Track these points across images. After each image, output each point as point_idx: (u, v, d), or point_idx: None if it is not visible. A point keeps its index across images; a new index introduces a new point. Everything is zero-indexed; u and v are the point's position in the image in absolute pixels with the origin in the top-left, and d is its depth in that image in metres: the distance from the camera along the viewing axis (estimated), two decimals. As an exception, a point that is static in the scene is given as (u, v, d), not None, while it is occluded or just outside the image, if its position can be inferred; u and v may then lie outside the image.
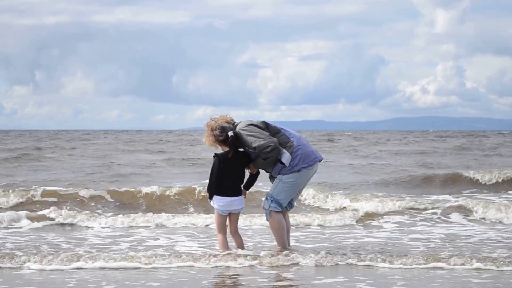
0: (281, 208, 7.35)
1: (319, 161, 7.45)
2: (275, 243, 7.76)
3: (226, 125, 7.26)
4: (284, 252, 7.49)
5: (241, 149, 7.31)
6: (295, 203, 7.74)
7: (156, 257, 7.27)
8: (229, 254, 7.37)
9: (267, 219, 7.49)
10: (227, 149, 7.27)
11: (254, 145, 7.11)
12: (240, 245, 7.58)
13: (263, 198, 7.59)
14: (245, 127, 7.22)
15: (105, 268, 6.97)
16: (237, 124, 7.35)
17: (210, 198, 7.36)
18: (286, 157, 7.20)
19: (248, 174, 7.46)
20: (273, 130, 7.29)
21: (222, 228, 7.47)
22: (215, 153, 7.33)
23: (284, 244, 7.60)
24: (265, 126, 7.28)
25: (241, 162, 7.30)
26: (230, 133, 7.17)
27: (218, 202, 7.33)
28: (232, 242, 7.65)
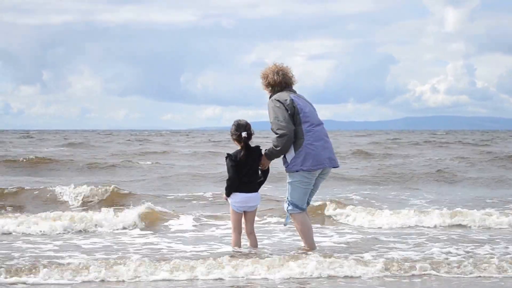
0: (298, 209, 7.08)
1: (332, 167, 7.14)
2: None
3: (243, 122, 7.03)
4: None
5: (254, 145, 7.12)
6: (310, 201, 7.37)
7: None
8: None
9: (284, 225, 7.51)
10: (239, 147, 7.07)
11: (270, 120, 7.02)
12: (255, 247, 7.30)
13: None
14: (276, 100, 7.02)
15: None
16: (279, 91, 7.16)
17: (228, 195, 7.13)
18: (290, 154, 6.97)
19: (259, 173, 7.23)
20: (297, 121, 6.98)
21: (237, 226, 7.24)
22: (228, 154, 7.10)
23: (311, 245, 7.29)
24: (292, 113, 6.98)
25: (254, 157, 7.08)
26: (244, 134, 6.98)
27: (235, 198, 7.10)
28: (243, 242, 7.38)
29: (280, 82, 7.15)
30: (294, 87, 7.26)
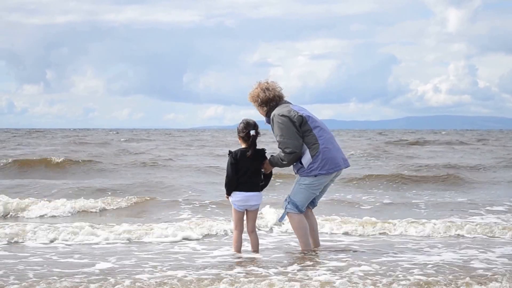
0: (297, 210, 7.10)
1: (344, 167, 7.16)
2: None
3: (252, 121, 7.03)
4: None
5: (260, 148, 7.17)
6: (317, 202, 7.42)
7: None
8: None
9: (279, 220, 7.43)
10: (244, 145, 7.07)
11: (277, 138, 6.99)
12: (255, 246, 7.34)
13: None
14: (281, 116, 6.98)
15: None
16: (279, 105, 7.12)
17: (228, 194, 7.15)
18: (306, 159, 6.97)
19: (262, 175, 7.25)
20: (305, 129, 6.98)
21: (238, 225, 7.26)
22: (230, 151, 7.12)
23: (307, 245, 7.28)
24: (300, 123, 6.98)
25: (257, 159, 7.09)
26: (252, 132, 6.99)
27: (235, 197, 7.13)
28: (246, 241, 7.39)
29: (274, 97, 7.12)
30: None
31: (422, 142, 42.07)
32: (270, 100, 7.10)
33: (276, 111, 7.04)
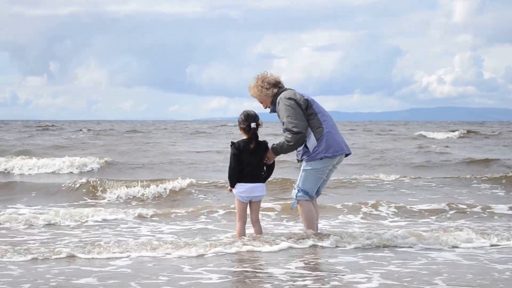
0: (308, 197, 7.23)
1: (346, 155, 7.32)
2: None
3: (252, 112, 7.17)
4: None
5: (262, 140, 7.25)
6: (322, 190, 7.54)
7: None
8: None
9: (291, 208, 7.47)
10: (246, 136, 7.16)
11: (283, 120, 7.10)
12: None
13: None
14: (288, 99, 7.15)
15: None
16: (283, 90, 7.28)
17: (232, 186, 7.22)
18: (311, 142, 7.13)
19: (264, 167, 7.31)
20: (310, 113, 7.17)
21: (242, 216, 7.33)
22: (232, 142, 7.20)
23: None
24: (306, 106, 7.18)
25: (259, 150, 7.18)
26: (253, 125, 7.09)
27: (239, 188, 7.20)
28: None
29: (278, 81, 7.33)
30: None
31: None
32: (277, 82, 7.29)
33: (282, 95, 7.23)
